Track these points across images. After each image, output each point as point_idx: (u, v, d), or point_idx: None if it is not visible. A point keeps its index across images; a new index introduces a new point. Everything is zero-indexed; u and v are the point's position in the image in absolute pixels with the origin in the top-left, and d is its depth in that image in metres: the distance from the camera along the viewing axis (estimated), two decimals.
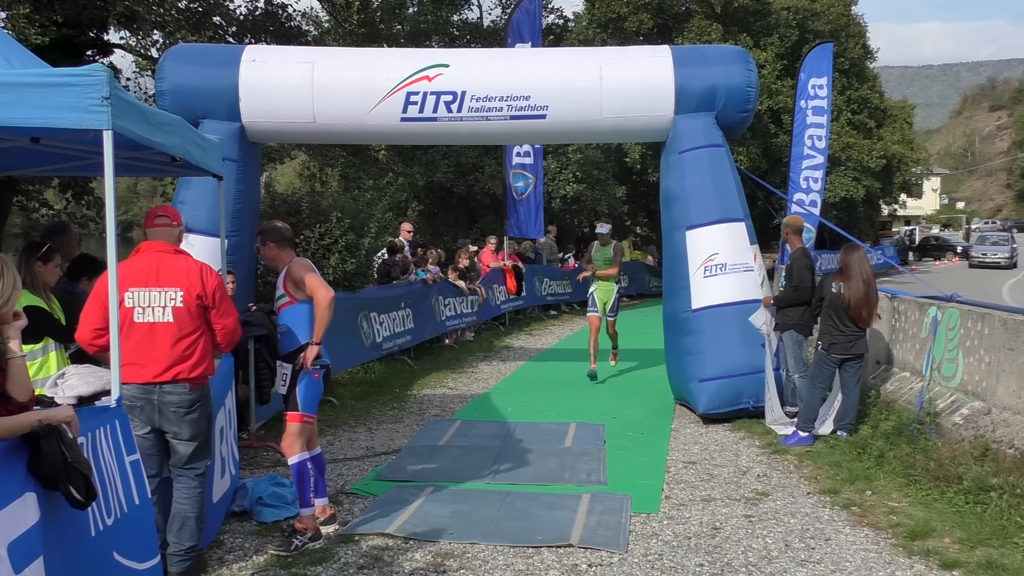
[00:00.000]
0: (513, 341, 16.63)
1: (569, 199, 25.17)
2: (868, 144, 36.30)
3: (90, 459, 3.60)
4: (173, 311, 4.89)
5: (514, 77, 9.58)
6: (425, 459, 7.89)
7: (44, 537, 3.25)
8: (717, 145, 9.62)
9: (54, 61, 4.58)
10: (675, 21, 30.59)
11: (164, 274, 4.91)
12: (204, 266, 5.11)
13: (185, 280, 4.93)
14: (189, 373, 4.93)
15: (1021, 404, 7.02)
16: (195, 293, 4.93)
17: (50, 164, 6.37)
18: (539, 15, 18.49)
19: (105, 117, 4.06)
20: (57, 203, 18.20)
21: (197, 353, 4.98)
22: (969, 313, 8.08)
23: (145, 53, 18.27)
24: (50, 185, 17.55)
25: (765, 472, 7.50)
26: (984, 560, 5.36)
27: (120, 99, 4.20)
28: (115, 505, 3.93)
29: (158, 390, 4.82)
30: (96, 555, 3.71)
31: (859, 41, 37.09)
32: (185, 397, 4.93)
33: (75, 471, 3.34)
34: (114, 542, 3.84)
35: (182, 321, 4.91)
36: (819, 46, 16.90)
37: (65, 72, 4.10)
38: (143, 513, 4.20)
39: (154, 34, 17.66)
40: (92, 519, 3.68)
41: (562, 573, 5.26)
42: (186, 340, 4.93)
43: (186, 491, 5.02)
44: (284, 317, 5.77)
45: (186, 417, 4.95)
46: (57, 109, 4.01)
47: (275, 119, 9.44)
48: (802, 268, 8.94)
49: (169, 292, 4.90)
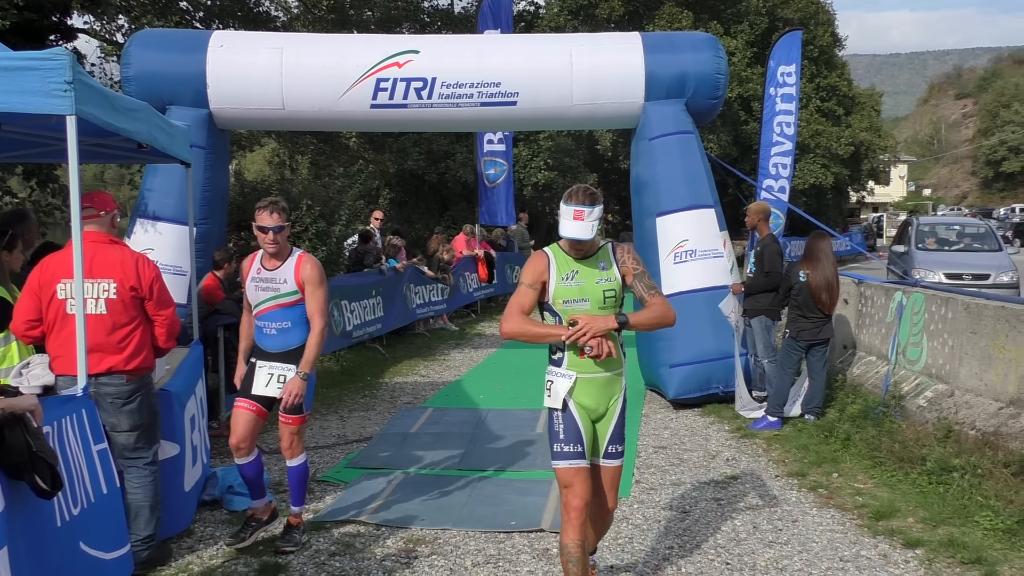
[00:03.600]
0: (485, 328, 16.65)
1: (540, 186, 25.22)
2: (836, 131, 36.70)
3: (56, 448, 3.57)
4: (106, 302, 4.83)
5: (484, 63, 9.55)
6: (397, 446, 7.89)
7: (8, 527, 3.22)
8: (687, 132, 9.66)
9: (15, 46, 4.50)
10: (646, 8, 30.65)
11: (97, 265, 4.81)
12: (141, 257, 5.05)
13: (119, 271, 4.86)
14: (125, 365, 4.86)
15: (983, 386, 7.14)
16: (129, 284, 4.87)
17: (13, 151, 6.28)
18: (510, 2, 18.43)
19: (68, 102, 4.03)
20: (21, 191, 17.90)
21: (132, 345, 4.90)
22: (933, 298, 8.20)
23: (110, 38, 18.01)
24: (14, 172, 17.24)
25: (734, 456, 7.58)
26: (946, 539, 5.46)
27: (84, 84, 4.16)
28: (82, 495, 3.90)
29: (93, 381, 4.69)
30: (62, 545, 3.68)
31: (828, 29, 37.41)
32: (122, 388, 4.87)
33: (40, 460, 3.31)
34: (81, 532, 3.81)
35: (115, 313, 4.84)
36: (788, 34, 16.92)
37: (26, 56, 4.05)
38: (111, 503, 4.17)
39: (119, 19, 17.40)
40: (58, 509, 3.65)
41: (533, 557, 5.29)
42: (120, 331, 4.86)
43: (137, 480, 4.96)
44: (289, 314, 5.21)
45: (124, 408, 4.88)
46: (19, 94, 3.98)
47: (244, 106, 9.35)
48: (773, 254, 9.01)
49: (102, 283, 4.83)
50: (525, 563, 5.20)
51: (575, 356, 4.07)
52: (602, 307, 4.05)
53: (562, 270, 4.09)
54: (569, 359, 4.12)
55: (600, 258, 4.16)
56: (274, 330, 5.21)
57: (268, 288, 5.18)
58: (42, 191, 17.28)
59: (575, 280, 4.07)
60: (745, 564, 5.19)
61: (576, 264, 4.11)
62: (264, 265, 5.24)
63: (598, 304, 4.05)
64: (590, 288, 4.07)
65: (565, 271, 4.09)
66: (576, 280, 4.07)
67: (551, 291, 4.09)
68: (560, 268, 4.10)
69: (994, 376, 7.01)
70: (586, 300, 4.05)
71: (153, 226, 8.74)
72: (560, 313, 4.10)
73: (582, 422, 4.11)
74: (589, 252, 4.14)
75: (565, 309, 4.07)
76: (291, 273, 5.17)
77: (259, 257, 5.30)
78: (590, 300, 4.05)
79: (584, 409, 4.13)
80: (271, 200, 5.22)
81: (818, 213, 29.78)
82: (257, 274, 5.23)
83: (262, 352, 5.27)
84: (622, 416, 4.24)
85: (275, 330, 5.21)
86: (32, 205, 16.62)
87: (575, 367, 4.10)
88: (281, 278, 5.17)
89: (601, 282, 4.08)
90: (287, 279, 5.16)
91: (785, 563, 5.20)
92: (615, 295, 4.11)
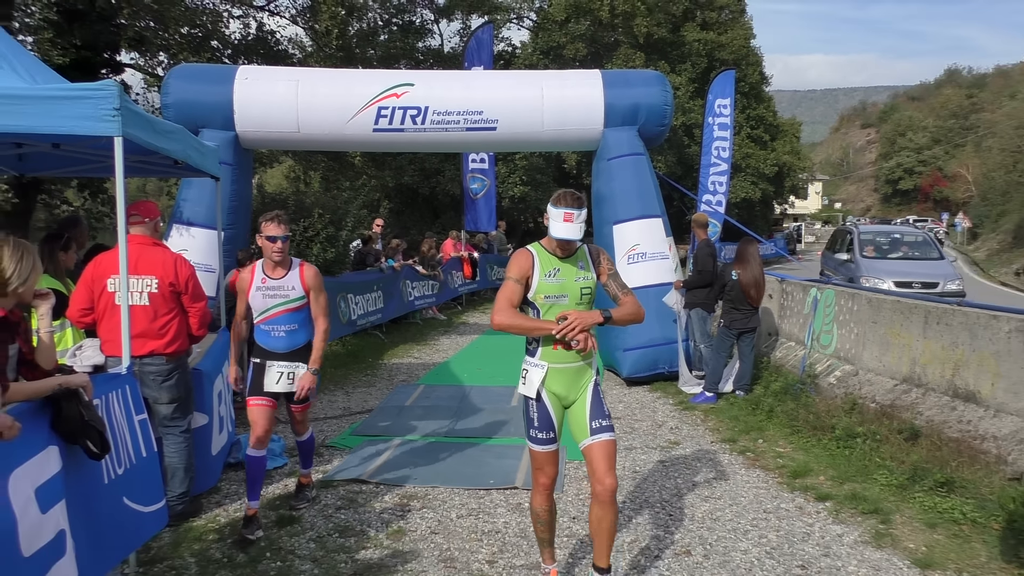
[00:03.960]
0: (469, 318, 16.62)
1: (516, 199, 25.19)
2: (764, 154, 36.89)
3: (104, 418, 3.55)
4: (149, 296, 4.84)
5: (470, 95, 9.52)
6: (394, 417, 7.87)
7: (65, 483, 3.21)
8: (639, 154, 9.69)
9: (73, 79, 4.46)
10: (605, 49, 30.69)
11: (142, 264, 4.83)
12: (179, 257, 5.03)
13: (160, 269, 4.87)
14: (164, 348, 4.89)
15: (881, 367, 7.23)
16: (168, 281, 4.88)
17: (69, 167, 6.23)
18: (491, 43, 18.39)
19: (116, 126, 4.00)
20: (76, 201, 17.70)
21: (171, 332, 4.92)
22: (842, 293, 8.28)
23: (152, 72, 17.86)
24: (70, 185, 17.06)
25: (677, 425, 7.62)
26: (850, 493, 5.53)
27: (129, 110, 4.13)
28: (125, 457, 3.87)
29: (138, 362, 4.73)
30: (109, 500, 3.66)
31: (756, 68, 37.56)
32: (163, 367, 4.89)
33: (91, 428, 3.31)
34: (124, 489, 3.79)
35: (156, 304, 4.85)
36: (724, 72, 17.03)
37: (81, 87, 4.02)
38: (149, 464, 4.14)
39: (160, 55, 17.29)
40: (105, 469, 3.63)
41: (508, 510, 5.30)
42: (160, 320, 4.87)
43: (173, 446, 4.99)
44: (296, 317, 4.91)
45: (164, 384, 4.90)
46: (74, 119, 3.95)
47: (265, 129, 9.28)
48: (705, 256, 9.06)
49: (145, 279, 4.83)
50: (501, 515, 5.21)
51: (548, 348, 3.80)
52: (578, 303, 3.80)
53: (545, 267, 3.81)
54: (543, 351, 3.83)
55: (579, 258, 3.90)
56: (282, 332, 4.87)
57: (276, 295, 4.84)
58: (93, 201, 17.14)
59: (556, 277, 3.79)
60: (685, 515, 5.23)
61: (558, 262, 3.84)
62: (268, 274, 4.86)
63: (575, 300, 3.80)
64: (569, 285, 3.80)
65: (548, 268, 3.81)
66: (557, 277, 3.80)
67: (534, 286, 3.78)
68: (543, 265, 3.81)
69: (891, 358, 7.09)
70: (565, 296, 3.79)
71: (187, 230, 8.66)
72: (540, 307, 3.80)
73: (554, 410, 3.85)
74: (571, 252, 3.87)
75: (545, 304, 3.78)
76: (297, 280, 4.86)
77: (259, 268, 4.89)
78: (569, 296, 3.79)
79: (556, 396, 3.85)
80: (276, 213, 4.84)
81: (748, 222, 29.97)
82: (262, 284, 4.85)
83: (268, 353, 4.89)
84: (596, 394, 3.88)
85: (283, 332, 4.87)
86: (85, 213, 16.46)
87: (547, 358, 3.82)
88: (289, 285, 4.85)
89: (579, 280, 3.83)
90: (295, 286, 4.85)
91: (718, 515, 5.24)
92: (590, 292, 3.86)
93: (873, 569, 4.39)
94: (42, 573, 2.95)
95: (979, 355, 5.91)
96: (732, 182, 28.03)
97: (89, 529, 3.38)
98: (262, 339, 4.90)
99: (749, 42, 36.03)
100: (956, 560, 4.47)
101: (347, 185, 20.15)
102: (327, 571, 4.35)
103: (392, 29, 23.73)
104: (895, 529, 4.93)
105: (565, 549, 4.64)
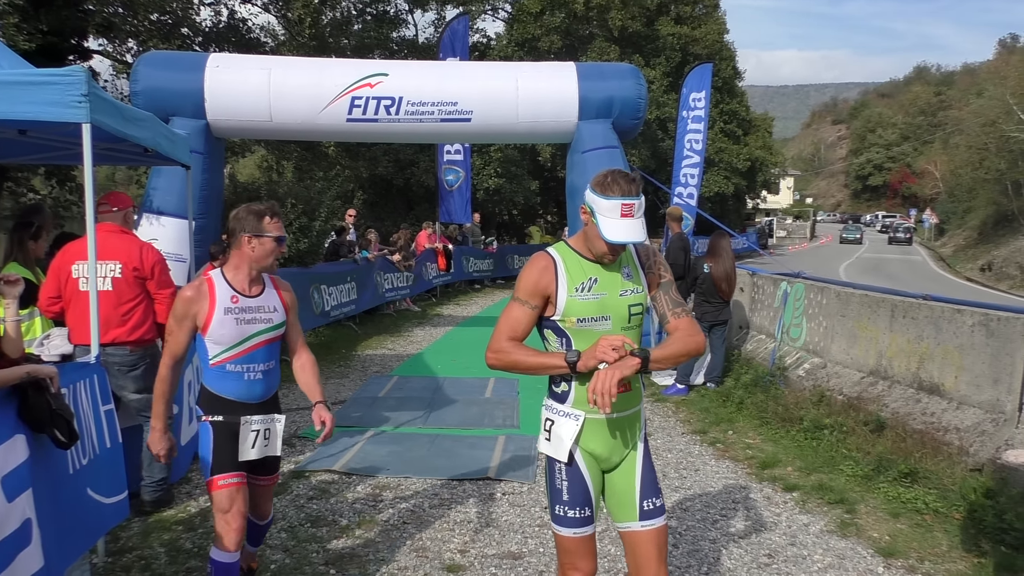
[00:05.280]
0: (443, 310, 16.61)
1: (491, 191, 25.15)
2: (736, 149, 37.25)
3: (71, 407, 3.52)
4: (112, 281, 4.79)
5: (444, 86, 9.49)
6: (367, 408, 7.85)
7: (32, 473, 3.17)
8: (613, 147, 9.71)
9: (39, 65, 4.38)
10: (580, 42, 30.72)
11: (106, 249, 4.78)
12: (145, 244, 4.99)
13: (124, 254, 4.82)
14: (128, 336, 4.81)
15: (849, 360, 7.34)
16: (132, 266, 4.82)
17: (36, 154, 6.10)
18: (466, 34, 18.34)
19: (84, 112, 3.94)
20: (43, 189, 17.41)
21: (135, 318, 4.85)
22: (812, 287, 8.38)
23: (121, 59, 17.60)
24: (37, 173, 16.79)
25: (649, 416, 7.69)
26: (817, 483, 5.62)
27: (97, 96, 4.07)
28: (89, 448, 3.84)
29: (102, 351, 4.58)
30: (73, 490, 3.62)
31: (730, 64, 37.86)
32: (126, 358, 4.82)
33: (59, 417, 3.28)
34: (88, 479, 3.76)
35: (120, 290, 4.80)
36: (699, 66, 17.08)
37: (48, 72, 3.95)
38: (113, 455, 4.10)
39: (129, 42, 17.06)
40: (70, 459, 3.60)
41: (481, 500, 5.32)
42: (124, 307, 4.81)
43: None
44: (275, 351, 3.51)
45: (129, 374, 4.83)
46: (41, 104, 3.89)
47: (236, 118, 9.18)
48: (676, 249, 9.13)
49: (109, 264, 4.79)
50: (473, 505, 5.23)
51: (585, 390, 2.58)
52: (626, 326, 2.66)
53: (576, 278, 2.64)
54: (576, 394, 2.68)
55: (624, 262, 2.73)
56: (259, 373, 3.42)
57: (257, 319, 3.39)
58: (61, 189, 16.88)
59: (593, 292, 2.63)
60: None
61: (596, 270, 2.67)
62: (240, 290, 3.38)
63: (621, 322, 2.65)
64: (613, 302, 2.64)
65: (580, 279, 2.64)
66: (595, 291, 2.63)
67: (560, 305, 2.63)
68: (573, 276, 2.64)
69: (858, 351, 7.21)
70: (607, 318, 2.63)
71: (157, 220, 8.55)
72: (570, 335, 2.65)
73: (591, 477, 2.73)
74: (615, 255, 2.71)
75: (578, 330, 2.63)
76: (277, 298, 3.50)
77: (222, 282, 3.38)
78: (612, 318, 2.64)
79: (593, 458, 2.76)
80: (273, 204, 3.51)
81: (721, 216, 30.25)
82: (233, 303, 3.33)
83: (237, 406, 3.38)
84: (647, 460, 2.83)
85: (261, 373, 3.42)
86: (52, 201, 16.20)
87: (584, 406, 2.66)
88: (270, 305, 3.45)
89: (627, 294, 2.67)
90: (276, 306, 3.47)
91: (688, 504, 5.30)
92: (641, 310, 2.71)
93: (838, 558, 4.48)
94: (8, 562, 2.92)
95: (943, 348, 6.02)
96: (705, 176, 28.29)
97: (54, 519, 3.35)
98: (228, 386, 3.38)
99: (723, 37, 36.28)
100: (918, 549, 4.56)
101: (320, 175, 20.01)
102: (299, 561, 4.34)
103: (366, 19, 23.58)
104: (860, 519, 5.02)
105: (536, 539, 4.67)
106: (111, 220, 4.91)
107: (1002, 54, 63.10)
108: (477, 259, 21.01)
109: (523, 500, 5.32)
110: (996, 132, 38.70)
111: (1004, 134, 37.15)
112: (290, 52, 18.82)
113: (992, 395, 5.45)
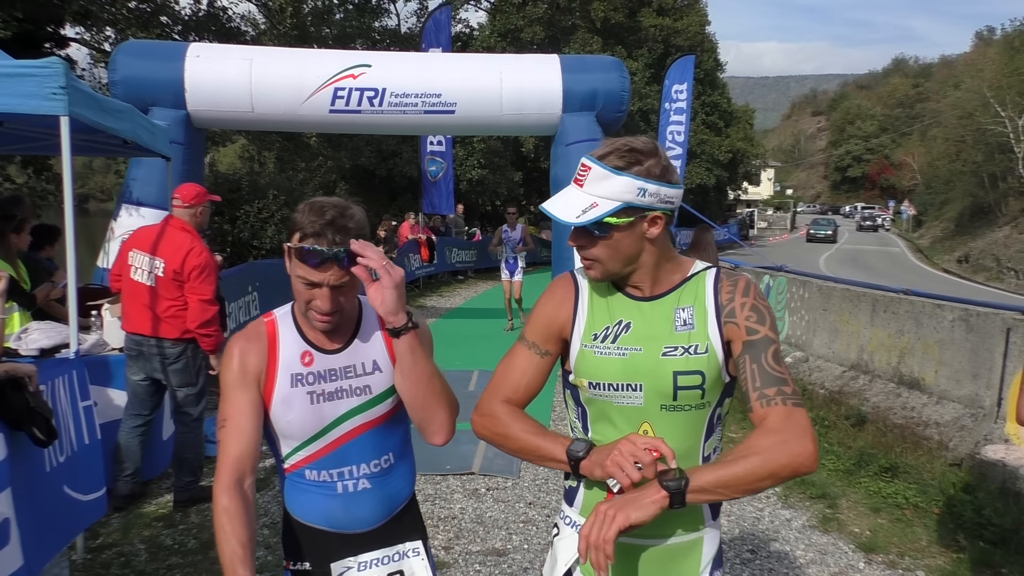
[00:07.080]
0: (426, 301, 16.55)
1: (474, 182, 25.10)
2: (718, 141, 37.38)
3: (50, 403, 3.45)
4: (156, 277, 4.77)
5: (428, 77, 9.42)
6: None
7: (10, 471, 3.11)
8: (597, 139, 9.67)
9: (15, 53, 4.30)
10: (563, 34, 30.65)
11: (160, 245, 4.78)
12: (195, 247, 4.83)
13: (171, 253, 4.77)
14: (169, 333, 4.82)
15: (831, 353, 7.39)
16: (173, 268, 4.76)
17: (12, 144, 5.99)
18: (449, 24, 18.21)
19: (62, 104, 3.87)
20: (19, 178, 17.15)
21: (176, 316, 4.83)
22: (794, 280, 8.42)
23: (99, 47, 17.34)
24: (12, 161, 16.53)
25: None
26: (797, 479, 5.65)
27: (76, 89, 4.00)
28: (67, 445, 3.78)
29: (146, 343, 4.76)
30: (50, 488, 3.57)
31: (712, 55, 37.94)
32: (168, 351, 4.82)
33: (38, 415, 3.22)
34: (66, 477, 3.70)
35: (162, 287, 4.77)
36: (682, 58, 17.12)
37: (26, 64, 3.88)
38: (92, 452, 4.04)
39: (107, 30, 16.82)
40: (48, 456, 3.54)
41: (465, 496, 5.30)
42: (166, 303, 4.78)
43: (180, 436, 5.02)
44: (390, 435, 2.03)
45: (171, 367, 4.84)
46: (19, 96, 3.83)
47: (217, 108, 9.06)
48: None
49: (156, 260, 4.77)
50: (458, 501, 5.21)
51: (596, 492, 1.69)
52: (669, 408, 1.62)
53: (598, 318, 1.69)
54: (586, 500, 1.73)
55: (684, 298, 1.66)
56: (366, 481, 1.92)
57: (344, 390, 1.85)
58: (37, 178, 16.64)
59: (620, 343, 1.64)
60: None
61: (631, 308, 1.67)
62: (315, 345, 1.87)
63: (661, 401, 1.62)
64: (648, 364, 1.61)
65: (604, 321, 1.68)
66: (622, 343, 1.64)
67: (572, 357, 1.71)
68: (595, 313, 1.69)
69: (840, 345, 7.25)
70: (637, 389, 1.62)
71: (137, 211, 8.43)
72: (587, 408, 1.72)
73: None
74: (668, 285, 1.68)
75: (593, 399, 1.68)
76: (382, 346, 1.90)
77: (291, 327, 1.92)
78: (645, 390, 1.61)
79: None
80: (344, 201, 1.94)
81: (703, 208, 30.37)
82: (305, 366, 1.84)
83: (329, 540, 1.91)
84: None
85: (368, 480, 1.93)
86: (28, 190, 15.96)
87: None
88: (362, 363, 1.88)
89: (674, 353, 1.61)
90: (377, 359, 1.89)
91: None
92: (700, 385, 1.62)
93: (820, 553, 4.50)
94: None
95: (924, 343, 6.07)
96: (687, 168, 28.39)
97: (32, 517, 3.30)
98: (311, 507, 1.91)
99: (704, 28, 36.32)
100: (898, 544, 4.60)
101: (303, 166, 19.88)
102: (281, 558, 4.30)
103: (348, 8, 23.37)
104: (841, 514, 5.06)
105: (521, 535, 4.66)
106: (180, 215, 4.91)
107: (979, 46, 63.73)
108: (460, 249, 20.96)
109: (507, 496, 5.31)
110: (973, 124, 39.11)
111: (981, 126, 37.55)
112: (271, 42, 18.63)
113: (971, 390, 5.50)
